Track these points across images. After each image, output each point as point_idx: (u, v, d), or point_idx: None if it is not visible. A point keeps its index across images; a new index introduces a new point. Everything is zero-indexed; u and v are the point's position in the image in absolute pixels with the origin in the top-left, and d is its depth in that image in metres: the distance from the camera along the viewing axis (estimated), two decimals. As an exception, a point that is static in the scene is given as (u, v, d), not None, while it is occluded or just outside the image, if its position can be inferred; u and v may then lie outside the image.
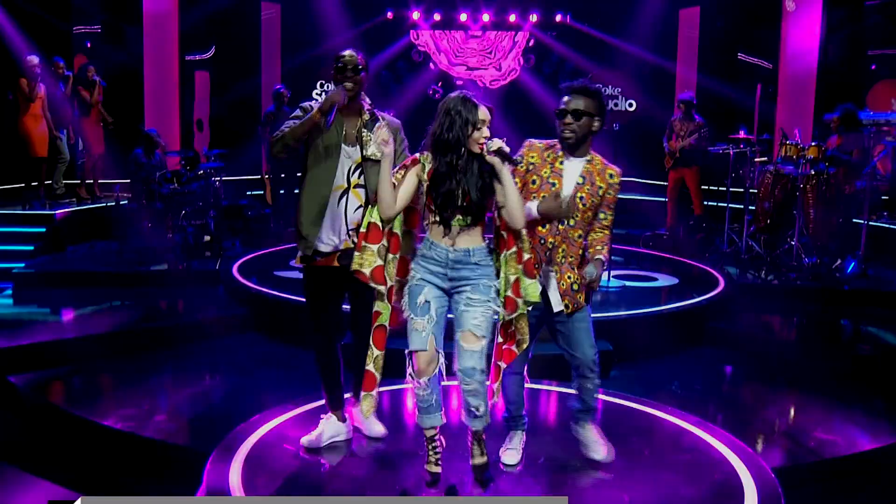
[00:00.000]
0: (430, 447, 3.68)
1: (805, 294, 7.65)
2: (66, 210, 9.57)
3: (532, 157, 3.81)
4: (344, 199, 3.96)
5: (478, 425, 3.63)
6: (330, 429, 4.16)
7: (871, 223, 8.22)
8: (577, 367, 3.89)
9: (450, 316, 3.63)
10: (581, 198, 3.72)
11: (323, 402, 4.30)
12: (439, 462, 3.68)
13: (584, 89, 3.73)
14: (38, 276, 8.08)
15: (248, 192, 11.73)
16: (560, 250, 3.75)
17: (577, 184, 3.73)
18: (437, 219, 3.53)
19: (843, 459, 4.52)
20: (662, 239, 9.81)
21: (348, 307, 4.20)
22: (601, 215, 3.80)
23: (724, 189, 9.29)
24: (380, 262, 3.62)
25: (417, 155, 3.59)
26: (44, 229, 9.02)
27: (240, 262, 8.19)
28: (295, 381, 5.60)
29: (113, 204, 9.42)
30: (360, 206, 3.97)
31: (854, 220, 8.40)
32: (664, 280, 7.83)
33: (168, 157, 9.66)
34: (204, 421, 4.95)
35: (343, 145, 3.96)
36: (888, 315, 7.20)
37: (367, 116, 4.01)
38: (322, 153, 3.95)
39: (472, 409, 3.57)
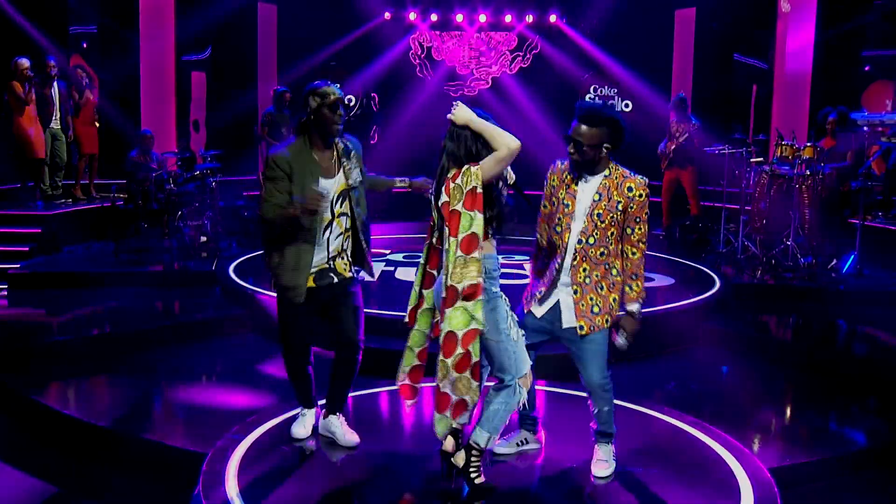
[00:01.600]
0: (480, 461, 3.64)
1: (801, 294, 7.67)
2: (63, 211, 9.56)
3: (553, 180, 3.76)
4: (328, 229, 4.00)
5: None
6: (311, 417, 4.28)
7: (865, 223, 8.24)
8: (588, 388, 3.83)
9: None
10: (598, 214, 3.62)
11: (322, 402, 4.35)
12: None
13: (592, 117, 3.59)
14: (34, 276, 8.06)
15: (245, 193, 11.72)
16: (581, 270, 3.66)
17: (594, 201, 3.63)
18: (494, 232, 3.56)
19: (838, 459, 4.53)
20: (658, 239, 9.82)
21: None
22: (628, 231, 3.67)
23: (721, 189, 9.31)
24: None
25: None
26: (40, 230, 9.01)
27: (236, 262, 8.19)
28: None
29: (109, 205, 9.41)
30: (342, 233, 4.03)
31: (849, 221, 8.42)
32: (660, 280, 7.83)
33: (164, 158, 9.65)
34: (200, 422, 4.94)
35: (321, 180, 3.93)
36: (883, 315, 7.22)
37: (341, 146, 4.03)
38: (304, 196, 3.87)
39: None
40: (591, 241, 3.64)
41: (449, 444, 3.65)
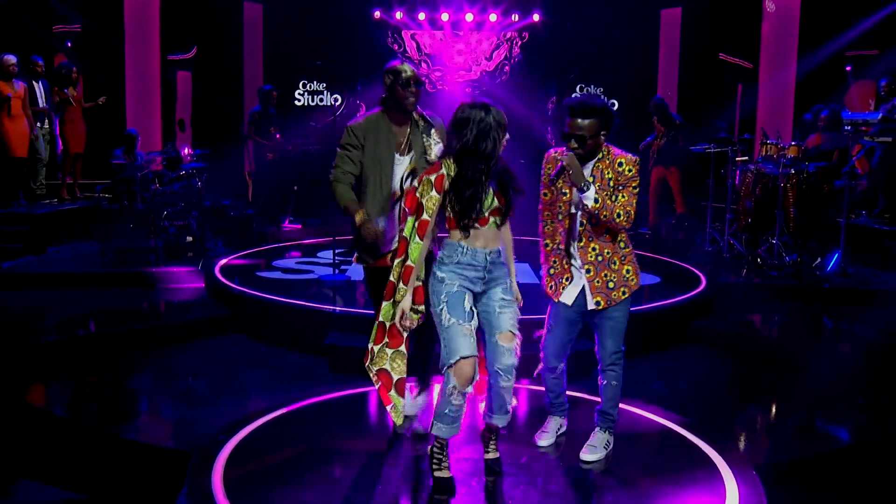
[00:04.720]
0: (442, 454, 3.67)
1: (786, 292, 7.72)
2: (47, 211, 9.49)
3: (549, 168, 3.82)
4: (398, 205, 4.09)
5: (505, 422, 3.75)
6: None
7: (850, 222, 8.30)
8: (600, 360, 3.98)
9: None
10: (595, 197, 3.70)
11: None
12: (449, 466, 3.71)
13: (588, 109, 3.64)
14: (19, 277, 8.00)
15: (231, 193, 11.68)
16: (590, 250, 3.80)
17: None
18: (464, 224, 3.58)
19: (824, 456, 4.56)
20: (644, 238, 9.86)
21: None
22: (615, 197, 3.71)
23: (706, 188, 9.35)
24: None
25: (440, 163, 3.60)
26: (24, 230, 8.93)
27: (222, 262, 8.16)
28: (278, 382, 5.59)
29: (94, 205, 9.35)
30: None
31: (834, 219, 8.49)
32: (646, 279, 7.86)
33: (150, 158, 9.60)
34: (187, 422, 4.93)
35: (395, 155, 4.15)
36: (868, 313, 7.28)
37: (421, 123, 4.21)
38: (377, 166, 4.13)
39: (507, 405, 3.69)
40: (595, 221, 3.74)
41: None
